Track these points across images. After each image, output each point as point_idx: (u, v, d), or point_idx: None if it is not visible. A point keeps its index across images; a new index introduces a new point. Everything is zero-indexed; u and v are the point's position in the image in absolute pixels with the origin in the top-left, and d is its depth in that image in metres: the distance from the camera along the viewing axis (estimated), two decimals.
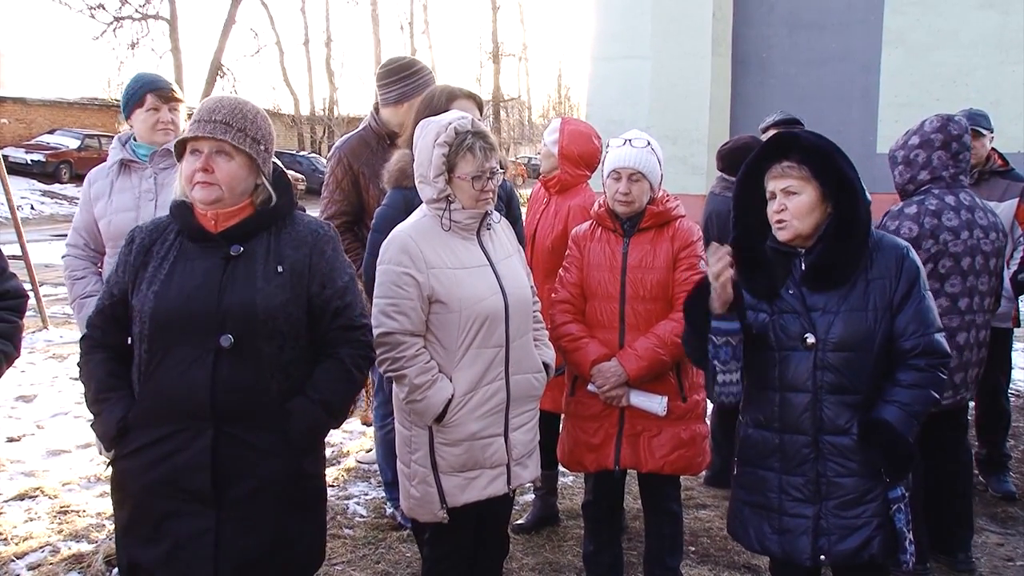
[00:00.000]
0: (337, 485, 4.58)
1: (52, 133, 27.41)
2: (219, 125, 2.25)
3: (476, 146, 2.65)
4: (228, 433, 2.20)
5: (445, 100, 3.21)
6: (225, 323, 2.19)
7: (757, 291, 2.59)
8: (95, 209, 3.42)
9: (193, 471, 2.20)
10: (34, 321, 8.77)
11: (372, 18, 41.49)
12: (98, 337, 2.36)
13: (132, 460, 2.26)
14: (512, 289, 2.76)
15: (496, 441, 2.75)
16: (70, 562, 3.70)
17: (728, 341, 2.52)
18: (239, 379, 2.20)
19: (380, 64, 3.99)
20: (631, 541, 3.93)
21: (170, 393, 2.20)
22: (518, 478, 2.84)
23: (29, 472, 4.77)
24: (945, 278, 3.39)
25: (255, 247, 2.28)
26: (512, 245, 2.91)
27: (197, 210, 2.31)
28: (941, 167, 3.44)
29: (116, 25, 32.76)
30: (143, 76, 3.51)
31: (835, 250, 2.49)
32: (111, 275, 2.37)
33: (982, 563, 3.80)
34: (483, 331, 2.67)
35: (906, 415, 2.44)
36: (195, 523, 2.21)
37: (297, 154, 32.61)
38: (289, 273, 2.28)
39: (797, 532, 2.55)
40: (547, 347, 2.97)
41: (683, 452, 3.17)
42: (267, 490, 2.25)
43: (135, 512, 2.28)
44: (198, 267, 2.25)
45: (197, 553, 2.21)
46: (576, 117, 4.12)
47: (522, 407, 2.83)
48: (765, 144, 2.60)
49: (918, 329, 2.48)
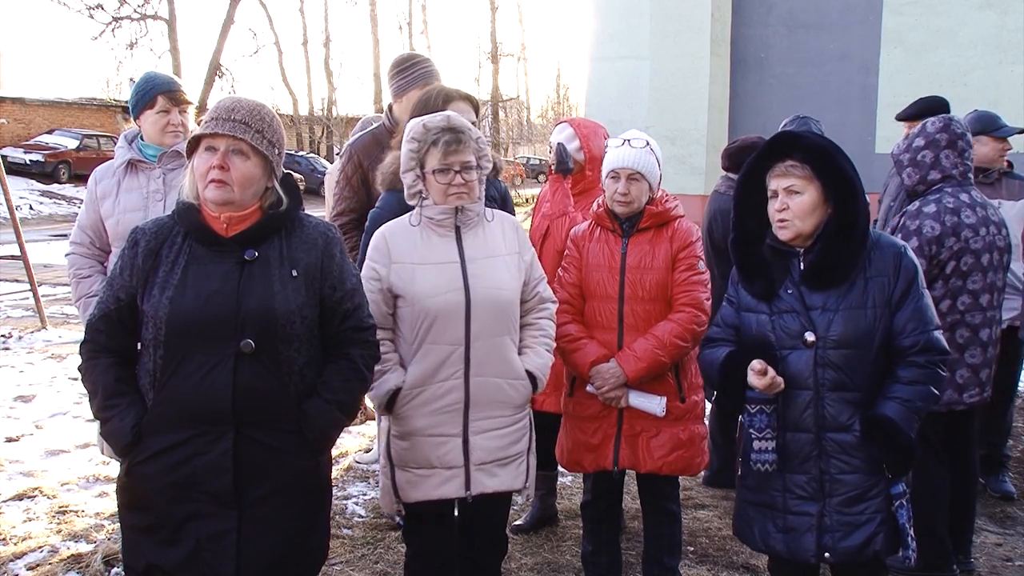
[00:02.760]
0: (336, 485, 4.58)
1: (51, 133, 27.42)
2: (238, 124, 2.26)
3: (440, 140, 2.67)
4: (248, 436, 2.23)
5: (442, 102, 3.21)
6: (245, 328, 2.20)
7: (756, 292, 2.60)
8: (102, 208, 3.41)
9: (215, 473, 2.22)
10: (33, 321, 8.77)
11: (371, 18, 41.40)
12: (102, 342, 2.30)
13: (149, 465, 2.24)
14: (480, 288, 2.70)
15: (451, 442, 2.73)
16: (69, 562, 3.70)
17: (762, 409, 2.54)
18: (259, 383, 2.22)
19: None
20: (630, 541, 3.93)
21: (190, 398, 2.20)
22: (480, 485, 2.75)
23: (28, 472, 4.77)
24: (967, 275, 3.40)
25: (268, 251, 2.30)
26: (509, 245, 2.85)
27: (207, 213, 2.29)
28: (951, 166, 3.45)
29: (115, 25, 32.73)
30: (154, 77, 3.47)
31: (835, 249, 2.50)
32: (114, 278, 2.32)
33: (981, 563, 3.81)
34: (435, 327, 2.68)
35: (907, 411, 2.46)
36: (217, 524, 2.24)
37: (296, 154, 32.59)
38: (303, 276, 2.31)
39: (801, 530, 2.56)
40: (538, 355, 2.85)
41: (682, 452, 3.17)
42: (284, 490, 2.30)
43: (154, 515, 2.27)
44: (213, 272, 2.25)
45: (219, 553, 2.25)
46: (578, 116, 4.09)
47: (489, 411, 2.75)
48: (767, 143, 2.61)
49: (917, 327, 2.50)
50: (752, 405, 2.54)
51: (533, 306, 2.91)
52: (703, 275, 3.17)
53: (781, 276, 2.57)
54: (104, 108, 30.35)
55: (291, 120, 40.70)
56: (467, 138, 2.71)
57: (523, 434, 2.86)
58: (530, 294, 2.89)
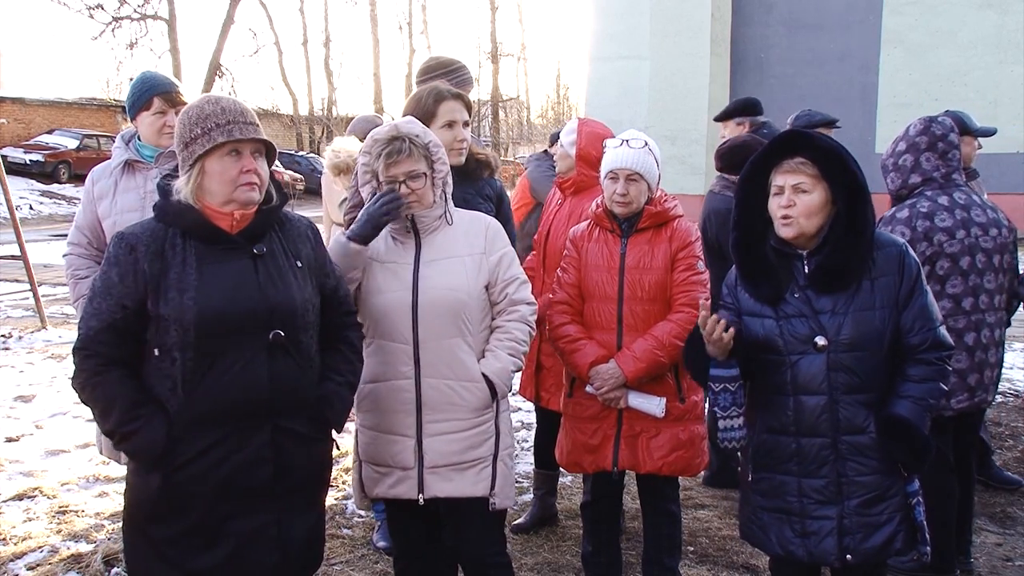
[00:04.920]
0: (336, 485, 4.58)
1: (51, 133, 27.40)
2: (253, 127, 2.32)
3: (383, 153, 2.70)
4: (282, 426, 2.31)
5: (432, 101, 3.17)
6: (273, 320, 2.27)
7: (762, 296, 2.58)
8: (99, 208, 3.41)
9: (254, 467, 2.27)
10: (33, 321, 8.77)
11: (371, 18, 41.46)
12: (109, 353, 2.22)
13: (187, 470, 2.23)
14: (429, 289, 2.68)
15: (402, 441, 2.72)
16: (69, 562, 3.71)
17: (726, 387, 2.53)
18: (289, 373, 2.31)
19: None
20: (630, 541, 3.93)
21: (227, 396, 2.22)
22: (433, 488, 2.71)
23: (28, 472, 4.77)
24: (945, 279, 3.37)
25: (272, 246, 2.36)
26: (472, 247, 2.77)
27: (210, 212, 2.30)
28: (932, 168, 3.43)
29: (115, 25, 32.82)
30: (150, 78, 3.46)
31: (844, 252, 2.48)
32: (111, 286, 2.23)
33: (981, 563, 3.80)
34: (383, 325, 2.71)
35: (919, 408, 2.46)
36: (257, 519, 2.30)
37: (296, 154, 32.63)
38: (306, 267, 2.41)
39: (822, 534, 2.54)
40: (497, 359, 2.75)
41: (682, 453, 3.17)
42: (312, 476, 2.43)
43: (191, 521, 2.25)
44: (228, 269, 2.26)
45: (261, 548, 2.30)
46: (591, 119, 4.09)
47: (443, 414, 2.71)
48: (775, 140, 2.58)
49: (924, 324, 2.50)
50: (716, 384, 2.53)
51: (503, 308, 2.81)
52: (702, 275, 3.17)
53: (786, 279, 2.55)
54: (104, 108, 30.35)
55: (291, 120, 40.74)
56: (411, 146, 2.69)
57: (485, 439, 2.76)
58: (499, 295, 2.81)
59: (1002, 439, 5.46)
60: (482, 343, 2.79)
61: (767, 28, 10.61)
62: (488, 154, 3.45)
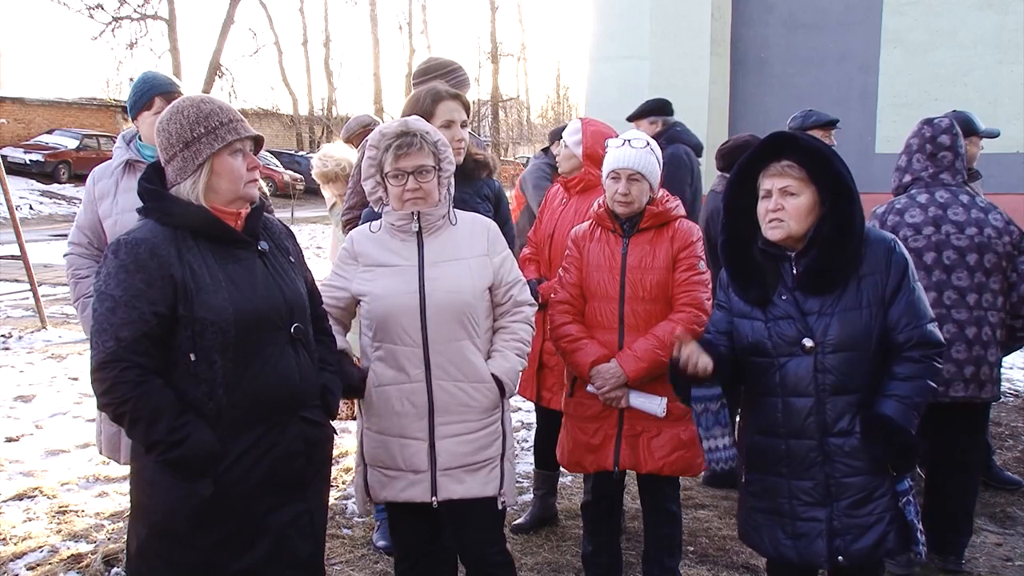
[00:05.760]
0: (336, 485, 4.58)
1: (51, 133, 27.40)
2: (246, 124, 2.34)
3: (392, 146, 2.69)
4: (305, 418, 2.37)
5: (431, 102, 3.18)
6: (292, 313, 2.33)
7: (750, 299, 2.58)
8: (100, 208, 3.41)
9: (290, 459, 2.31)
10: (33, 321, 8.78)
11: (371, 18, 41.43)
12: (148, 363, 2.14)
13: (234, 470, 2.22)
14: (435, 291, 2.68)
15: (415, 444, 2.72)
16: (69, 562, 3.71)
17: (707, 408, 2.54)
18: (306, 364, 2.37)
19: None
20: (630, 541, 3.93)
21: (265, 393, 2.25)
22: (446, 490, 2.71)
23: (28, 472, 4.77)
24: None
25: (268, 242, 2.40)
26: (475, 248, 2.78)
27: (219, 211, 2.29)
28: (920, 168, 3.60)
29: (115, 25, 32.79)
30: (151, 78, 3.45)
31: (831, 254, 2.47)
32: (138, 294, 2.13)
33: (980, 563, 3.81)
34: (392, 329, 2.70)
35: (905, 407, 2.45)
36: (293, 508, 2.34)
37: (296, 154, 32.61)
38: (296, 261, 2.48)
39: (812, 536, 2.54)
40: (505, 359, 2.78)
41: (682, 453, 3.17)
42: (326, 461, 2.52)
43: (236, 522, 2.24)
44: (243, 266, 2.28)
45: (300, 536, 2.35)
46: (592, 118, 4.08)
47: (455, 416, 2.71)
48: (761, 143, 2.58)
49: (911, 321, 2.49)
50: (697, 404, 2.53)
51: (507, 309, 2.84)
52: (703, 275, 3.17)
53: (773, 281, 2.55)
54: (104, 108, 30.35)
55: (291, 120, 40.73)
56: (422, 141, 2.69)
57: (493, 439, 2.78)
58: (503, 297, 2.83)
59: (1002, 439, 5.47)
60: (486, 344, 2.80)
61: (767, 28, 10.60)
62: (486, 155, 3.45)
